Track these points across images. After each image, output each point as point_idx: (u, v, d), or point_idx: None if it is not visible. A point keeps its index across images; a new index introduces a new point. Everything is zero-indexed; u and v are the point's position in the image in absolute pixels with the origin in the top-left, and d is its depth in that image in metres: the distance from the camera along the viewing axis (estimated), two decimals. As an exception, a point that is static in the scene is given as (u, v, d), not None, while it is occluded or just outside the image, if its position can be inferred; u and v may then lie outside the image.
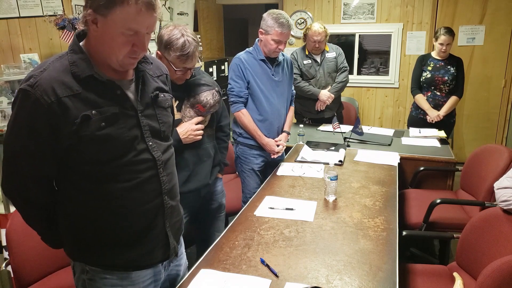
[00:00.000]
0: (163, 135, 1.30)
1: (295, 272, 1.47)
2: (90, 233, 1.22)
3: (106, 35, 1.09)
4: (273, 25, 2.35)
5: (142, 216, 1.24)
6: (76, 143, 1.11)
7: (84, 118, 1.09)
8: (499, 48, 4.55)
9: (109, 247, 1.23)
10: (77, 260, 1.27)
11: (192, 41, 1.75)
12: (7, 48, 3.14)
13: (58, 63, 1.12)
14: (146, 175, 1.22)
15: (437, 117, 3.46)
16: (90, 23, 1.08)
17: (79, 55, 1.13)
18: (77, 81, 1.11)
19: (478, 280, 1.43)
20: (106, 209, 1.19)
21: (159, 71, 1.37)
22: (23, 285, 1.88)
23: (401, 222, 2.39)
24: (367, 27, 5.05)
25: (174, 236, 1.36)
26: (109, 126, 1.13)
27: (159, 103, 1.29)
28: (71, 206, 1.21)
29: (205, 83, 1.93)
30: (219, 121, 2.15)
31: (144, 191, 1.23)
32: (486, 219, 1.86)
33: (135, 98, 1.21)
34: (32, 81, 1.08)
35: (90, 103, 1.11)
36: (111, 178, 1.17)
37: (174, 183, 1.35)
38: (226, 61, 5.36)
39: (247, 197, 2.53)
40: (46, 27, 3.30)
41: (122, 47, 1.10)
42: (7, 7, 3.11)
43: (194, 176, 1.94)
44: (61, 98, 1.07)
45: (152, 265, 1.31)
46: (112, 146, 1.15)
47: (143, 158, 1.21)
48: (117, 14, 1.05)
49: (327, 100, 3.50)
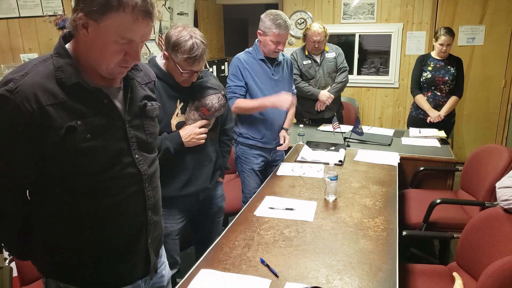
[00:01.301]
0: (149, 147, 1.23)
1: (295, 272, 1.47)
2: (68, 249, 1.14)
3: (97, 42, 1.01)
4: (270, 27, 2.35)
5: (125, 232, 1.18)
6: (59, 154, 1.03)
7: (69, 129, 1.01)
8: (499, 48, 4.55)
9: (88, 264, 1.17)
10: (50, 277, 1.19)
11: (201, 44, 1.71)
12: (7, 48, 3.14)
13: (41, 67, 1.03)
14: (131, 190, 1.16)
15: (437, 117, 3.46)
16: (80, 27, 1.00)
17: (66, 59, 1.04)
18: (62, 88, 1.02)
19: (479, 280, 1.43)
20: (87, 224, 1.13)
21: (148, 77, 1.29)
22: (27, 282, 1.89)
23: (401, 222, 2.39)
24: (367, 27, 5.05)
25: (154, 251, 1.30)
26: (95, 138, 1.06)
27: (147, 113, 1.22)
28: (50, 220, 1.13)
29: (211, 86, 1.90)
30: (224, 124, 2.11)
31: (128, 206, 1.17)
32: (486, 219, 1.86)
33: (122, 107, 1.14)
34: (12, 85, 0.98)
35: (75, 113, 1.03)
36: (94, 192, 1.11)
37: (158, 197, 1.30)
38: (226, 61, 5.35)
39: (247, 197, 2.53)
40: (46, 27, 3.30)
41: (113, 56, 1.03)
42: (7, 7, 3.11)
43: (193, 180, 1.91)
44: (44, 107, 0.99)
45: (132, 282, 1.25)
46: (97, 159, 1.08)
47: (129, 172, 1.14)
48: (111, 21, 0.98)
49: (327, 100, 3.49)
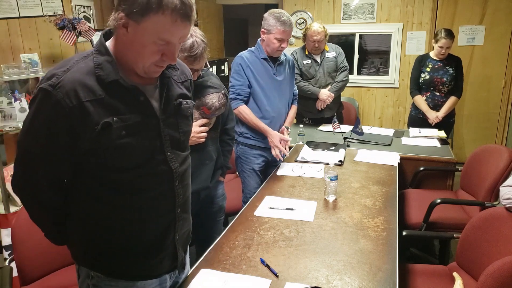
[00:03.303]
0: (182, 145, 1.25)
1: (295, 272, 1.47)
2: (100, 241, 1.19)
3: (136, 42, 1.04)
4: (275, 24, 2.36)
5: (154, 228, 1.21)
6: (95, 150, 1.07)
7: (105, 125, 1.04)
8: (499, 48, 4.55)
9: (118, 257, 1.20)
10: (82, 264, 1.24)
11: (201, 42, 1.72)
12: (7, 48, 3.14)
13: (82, 64, 1.07)
14: (162, 187, 1.19)
15: (436, 118, 3.46)
16: (120, 26, 1.03)
17: (105, 57, 1.07)
18: (101, 85, 1.05)
19: (480, 280, 1.43)
20: (118, 219, 1.16)
21: (184, 76, 1.31)
22: (27, 282, 1.90)
23: (401, 222, 2.39)
24: (367, 27, 5.06)
25: (182, 247, 1.32)
26: (130, 134, 1.09)
27: (182, 111, 1.24)
28: (84, 212, 1.18)
29: (211, 85, 1.91)
30: (225, 124, 2.11)
31: (159, 203, 1.19)
32: (486, 219, 1.85)
33: (158, 105, 1.16)
34: (55, 80, 1.02)
35: (112, 110, 1.06)
36: (126, 188, 1.14)
37: (188, 195, 1.32)
38: (226, 61, 5.35)
39: (247, 197, 2.52)
40: (46, 27, 3.30)
41: (151, 56, 1.05)
42: (7, 7, 3.11)
43: (194, 179, 1.91)
44: (83, 102, 1.02)
45: (159, 275, 1.28)
46: (131, 155, 1.10)
47: (161, 169, 1.17)
48: (150, 22, 1.00)
49: (327, 99, 3.49)
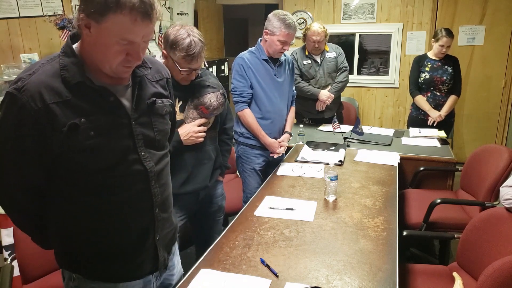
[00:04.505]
0: (157, 144, 1.23)
1: (295, 272, 1.47)
2: (79, 243, 1.18)
3: (99, 42, 1.03)
4: (280, 26, 2.35)
5: (133, 229, 1.20)
6: (65, 152, 1.05)
7: (72, 127, 1.03)
8: (499, 48, 4.55)
9: (97, 258, 1.19)
10: (64, 267, 1.24)
11: (199, 42, 1.72)
12: (7, 48, 3.14)
13: (48, 66, 1.06)
14: (137, 187, 1.17)
15: (438, 117, 3.46)
16: (83, 27, 1.02)
17: (71, 58, 1.07)
18: (67, 87, 1.04)
19: (479, 280, 1.43)
20: (95, 221, 1.15)
21: (159, 75, 1.30)
22: (29, 280, 1.91)
23: (401, 222, 2.39)
24: (367, 27, 5.05)
25: (165, 247, 1.31)
26: (99, 135, 1.07)
27: (156, 110, 1.23)
28: (61, 215, 1.17)
29: (210, 85, 1.91)
30: (224, 123, 2.12)
31: (135, 204, 1.18)
32: (486, 219, 1.85)
33: (130, 105, 1.15)
34: (20, 84, 1.01)
35: (80, 111, 1.04)
36: (101, 190, 1.12)
37: (167, 194, 1.30)
38: (226, 61, 5.34)
39: (248, 196, 2.52)
40: (46, 27, 3.30)
41: (115, 56, 1.04)
42: (7, 7, 3.11)
43: (192, 178, 1.92)
44: (48, 105, 1.01)
45: (141, 276, 1.26)
46: (102, 156, 1.09)
47: (135, 169, 1.15)
48: (111, 22, 0.99)
49: (327, 100, 3.49)
